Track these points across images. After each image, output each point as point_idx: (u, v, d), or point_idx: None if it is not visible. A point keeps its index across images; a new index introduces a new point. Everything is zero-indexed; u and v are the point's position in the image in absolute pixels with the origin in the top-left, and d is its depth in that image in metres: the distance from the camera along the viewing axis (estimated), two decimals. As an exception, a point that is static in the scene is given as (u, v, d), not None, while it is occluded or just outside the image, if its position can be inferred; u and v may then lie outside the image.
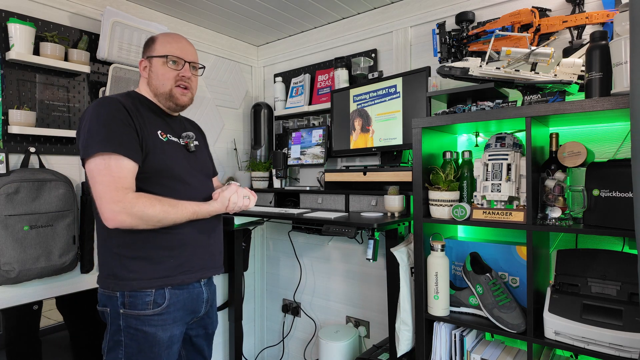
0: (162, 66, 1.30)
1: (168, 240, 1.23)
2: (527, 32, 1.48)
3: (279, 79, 2.58)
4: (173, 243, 1.24)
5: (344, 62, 2.23)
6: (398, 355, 1.64)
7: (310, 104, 2.43)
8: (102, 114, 1.15)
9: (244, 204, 1.37)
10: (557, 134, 1.39)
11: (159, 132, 1.27)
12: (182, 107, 1.36)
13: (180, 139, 1.35)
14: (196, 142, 1.40)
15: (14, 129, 1.61)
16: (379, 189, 1.93)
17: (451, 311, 1.52)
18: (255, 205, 2.31)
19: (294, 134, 2.42)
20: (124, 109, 1.18)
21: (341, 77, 2.22)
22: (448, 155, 1.57)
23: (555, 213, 1.27)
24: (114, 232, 1.18)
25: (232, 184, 1.38)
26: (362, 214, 1.81)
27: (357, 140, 2.07)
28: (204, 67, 1.42)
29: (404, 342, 1.61)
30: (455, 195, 1.49)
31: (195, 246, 1.30)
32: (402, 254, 1.62)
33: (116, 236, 1.19)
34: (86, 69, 1.80)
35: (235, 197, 1.34)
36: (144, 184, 1.19)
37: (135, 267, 1.20)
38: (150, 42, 1.34)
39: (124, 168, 1.13)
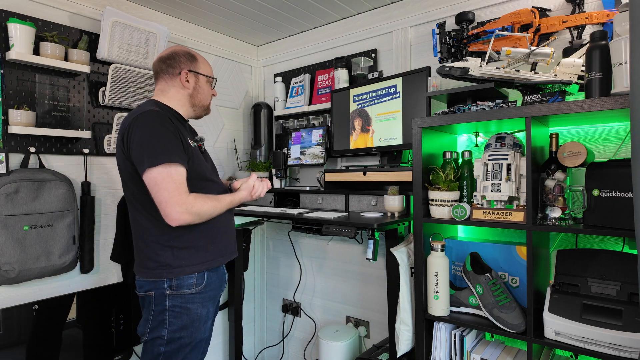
0: (207, 84, 1.51)
1: (209, 229, 1.41)
2: (527, 32, 1.48)
3: (279, 79, 2.58)
4: (213, 232, 1.43)
5: (344, 62, 2.23)
6: (398, 355, 1.64)
7: (310, 104, 2.43)
8: (157, 128, 1.29)
9: (264, 189, 1.56)
10: (557, 134, 1.39)
11: (188, 139, 1.42)
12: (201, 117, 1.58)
13: (195, 142, 1.49)
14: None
15: (14, 129, 1.61)
16: (379, 189, 1.93)
17: (451, 311, 1.52)
18: (255, 205, 2.31)
19: (294, 134, 2.42)
20: (170, 122, 1.34)
21: (341, 77, 2.22)
22: (448, 155, 1.57)
23: (555, 213, 1.27)
24: (167, 229, 1.33)
25: (252, 174, 1.59)
26: (362, 214, 1.81)
27: (357, 140, 2.07)
28: None
29: (404, 342, 1.61)
30: (455, 195, 1.49)
31: (226, 232, 1.50)
32: (402, 254, 1.62)
33: (168, 232, 1.34)
34: (86, 69, 1.80)
35: (258, 183, 1.54)
36: (187, 186, 1.34)
37: (186, 255, 1.37)
38: (191, 58, 1.48)
39: (181, 175, 1.29)
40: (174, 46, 1.50)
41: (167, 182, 1.25)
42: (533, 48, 1.36)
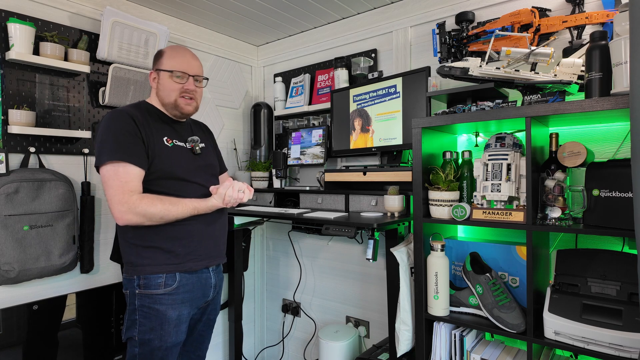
0: (168, 79, 1.43)
1: (176, 231, 1.38)
2: (527, 32, 1.48)
3: (279, 79, 2.58)
4: (181, 234, 1.39)
5: (344, 62, 2.23)
6: (398, 355, 1.64)
7: (310, 104, 2.43)
8: (112, 127, 1.31)
9: (238, 197, 1.44)
10: (557, 134, 1.39)
11: (164, 138, 1.41)
12: (187, 115, 1.50)
13: (186, 143, 1.48)
14: (202, 145, 1.54)
15: (13, 129, 1.61)
16: (379, 189, 1.93)
17: (451, 311, 1.52)
18: (255, 205, 2.31)
19: (293, 134, 2.42)
20: (132, 121, 1.33)
21: (341, 77, 2.22)
22: (448, 155, 1.57)
23: (555, 213, 1.27)
24: (130, 227, 1.33)
25: (228, 180, 1.49)
26: (362, 214, 1.81)
27: (357, 140, 2.07)
28: (207, 79, 1.54)
29: (404, 342, 1.61)
30: (455, 195, 1.49)
31: (201, 236, 1.44)
32: (402, 254, 1.62)
33: (131, 230, 1.35)
34: (86, 68, 1.80)
35: (230, 191, 1.42)
36: (151, 185, 1.35)
37: (148, 254, 1.36)
38: (158, 56, 1.47)
39: (130, 173, 1.28)
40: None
41: (112, 180, 1.27)
42: (533, 48, 1.36)
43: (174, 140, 1.44)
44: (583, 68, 1.33)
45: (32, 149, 1.70)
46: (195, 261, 1.43)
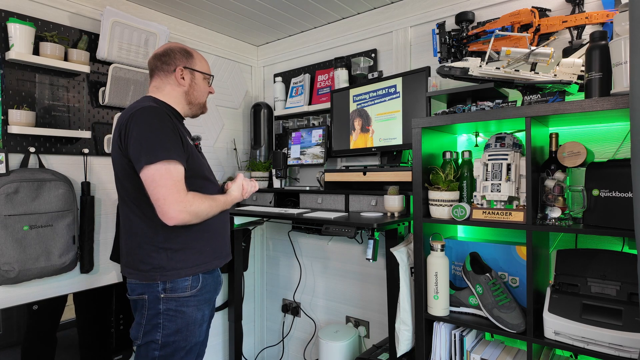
0: (203, 81, 1.49)
1: (203, 230, 1.38)
2: (527, 32, 1.48)
3: (279, 79, 2.58)
4: (208, 234, 1.40)
5: (344, 62, 2.23)
6: (398, 355, 1.64)
7: (310, 104, 2.43)
8: (156, 124, 1.26)
9: (252, 189, 1.55)
10: (556, 134, 1.39)
11: (187, 136, 1.39)
12: (199, 115, 1.56)
13: (192, 141, 1.45)
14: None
15: (13, 129, 1.61)
16: (379, 189, 1.93)
17: (451, 311, 1.52)
18: (255, 205, 2.31)
19: (293, 134, 2.42)
20: (170, 119, 1.30)
21: (341, 77, 2.22)
22: (448, 155, 1.57)
23: (555, 213, 1.27)
24: (161, 229, 1.30)
25: (238, 175, 1.55)
26: (362, 214, 1.81)
27: (357, 140, 2.07)
28: None
29: (404, 342, 1.61)
30: (455, 195, 1.49)
31: (220, 234, 1.46)
32: (402, 254, 1.62)
33: (163, 233, 1.31)
34: (86, 68, 1.80)
35: (246, 182, 1.52)
36: (186, 184, 1.31)
37: (181, 257, 1.33)
38: (186, 54, 1.44)
39: (180, 172, 1.26)
40: (169, 42, 1.48)
41: (165, 180, 1.21)
42: (533, 48, 1.36)
43: (189, 139, 1.42)
44: (583, 68, 1.33)
45: (32, 149, 1.70)
46: (219, 259, 1.44)
